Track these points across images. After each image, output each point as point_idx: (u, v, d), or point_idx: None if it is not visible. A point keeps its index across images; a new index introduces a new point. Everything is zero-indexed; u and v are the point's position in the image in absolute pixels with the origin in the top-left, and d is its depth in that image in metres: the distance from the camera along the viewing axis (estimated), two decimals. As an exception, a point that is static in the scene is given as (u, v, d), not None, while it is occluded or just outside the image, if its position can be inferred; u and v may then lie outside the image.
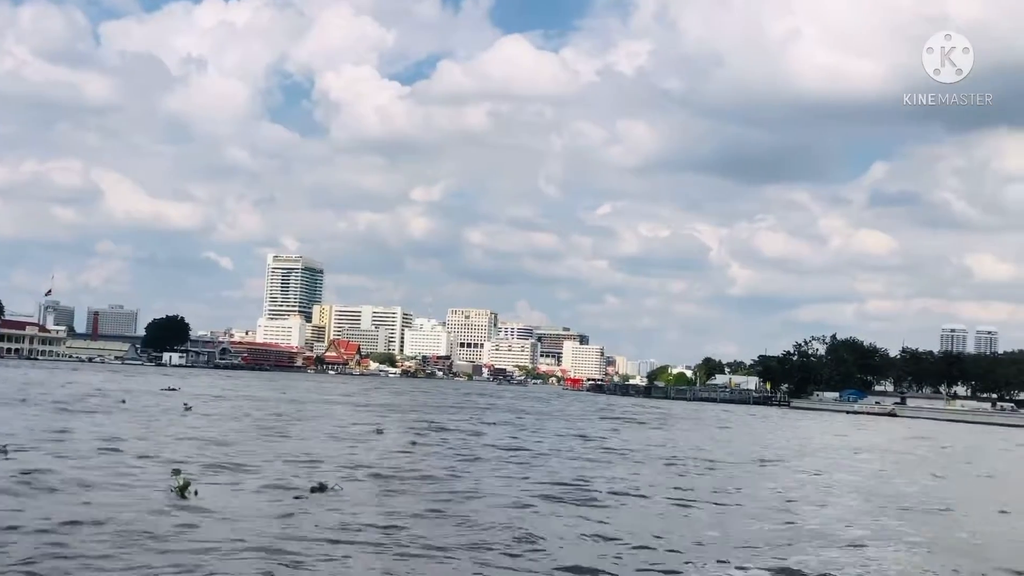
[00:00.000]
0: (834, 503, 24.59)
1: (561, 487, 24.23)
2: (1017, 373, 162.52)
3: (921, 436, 74.16)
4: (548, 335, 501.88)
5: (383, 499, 20.61)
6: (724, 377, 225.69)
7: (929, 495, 28.01)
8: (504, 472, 27.49)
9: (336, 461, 27.43)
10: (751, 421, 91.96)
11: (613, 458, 34.84)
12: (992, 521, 23.20)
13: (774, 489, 26.79)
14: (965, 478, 37.34)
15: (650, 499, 23.24)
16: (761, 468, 35.27)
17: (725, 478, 29.05)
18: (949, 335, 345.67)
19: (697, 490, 25.15)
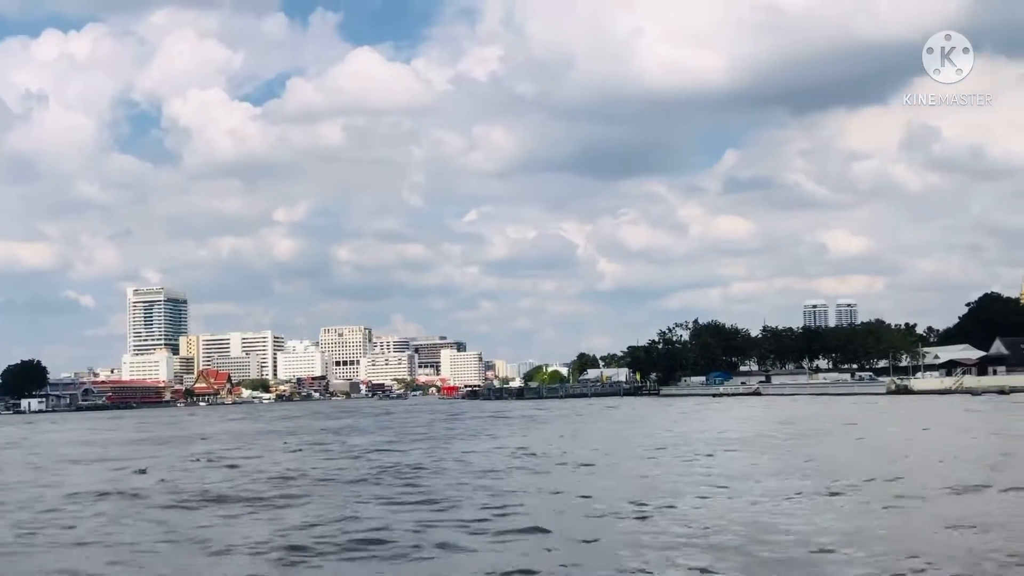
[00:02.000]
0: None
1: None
2: (875, 342, 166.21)
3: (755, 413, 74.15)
4: (425, 345, 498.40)
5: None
6: (597, 371, 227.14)
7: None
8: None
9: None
10: (608, 414, 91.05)
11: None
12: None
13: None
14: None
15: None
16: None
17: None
18: (811, 311, 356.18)
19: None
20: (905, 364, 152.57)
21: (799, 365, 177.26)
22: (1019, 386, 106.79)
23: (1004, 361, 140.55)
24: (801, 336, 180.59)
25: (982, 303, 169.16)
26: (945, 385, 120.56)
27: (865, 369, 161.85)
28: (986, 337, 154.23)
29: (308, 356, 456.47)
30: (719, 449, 40.15)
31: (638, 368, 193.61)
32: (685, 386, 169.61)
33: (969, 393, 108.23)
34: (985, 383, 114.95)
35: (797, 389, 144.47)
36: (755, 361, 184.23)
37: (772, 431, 51.31)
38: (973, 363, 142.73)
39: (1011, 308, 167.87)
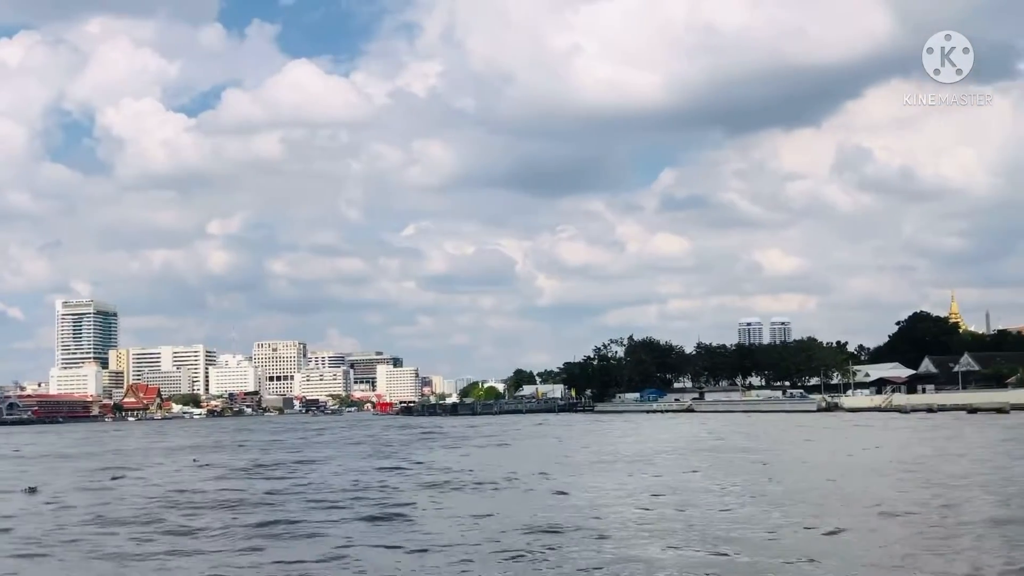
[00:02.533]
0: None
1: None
2: (807, 360, 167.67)
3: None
4: (361, 361, 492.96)
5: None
6: (532, 388, 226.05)
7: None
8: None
9: None
10: (538, 431, 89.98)
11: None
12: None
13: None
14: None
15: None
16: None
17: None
18: (746, 328, 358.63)
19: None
20: (836, 382, 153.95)
21: (732, 382, 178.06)
22: (947, 404, 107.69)
23: (933, 379, 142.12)
24: (734, 353, 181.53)
25: (911, 322, 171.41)
26: (875, 403, 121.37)
27: (797, 386, 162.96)
28: (916, 356, 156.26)
29: (241, 371, 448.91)
30: (605, 469, 39.14)
31: (573, 384, 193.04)
32: (619, 403, 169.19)
33: (898, 411, 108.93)
34: (914, 401, 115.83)
35: (730, 406, 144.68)
36: (689, 378, 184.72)
37: (671, 450, 50.48)
38: (903, 381, 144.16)
39: (940, 327, 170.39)
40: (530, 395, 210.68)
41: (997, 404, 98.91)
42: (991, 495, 26.41)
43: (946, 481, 30.28)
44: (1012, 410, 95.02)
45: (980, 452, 43.36)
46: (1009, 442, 51.55)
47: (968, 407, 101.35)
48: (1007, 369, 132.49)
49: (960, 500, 25.59)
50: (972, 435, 59.78)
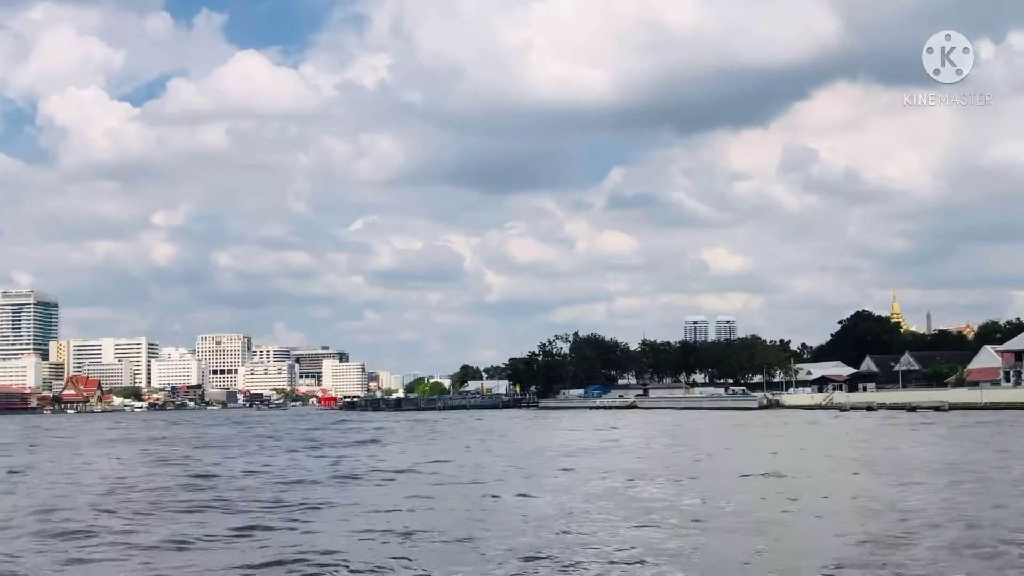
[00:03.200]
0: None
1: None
2: (750, 358, 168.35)
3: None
4: (306, 355, 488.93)
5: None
6: (477, 383, 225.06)
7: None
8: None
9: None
10: (475, 427, 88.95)
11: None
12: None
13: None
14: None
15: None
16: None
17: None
18: (692, 326, 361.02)
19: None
20: (779, 380, 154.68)
21: (676, 379, 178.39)
22: (886, 403, 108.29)
23: (873, 378, 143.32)
24: (679, 351, 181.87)
25: (853, 321, 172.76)
26: (815, 401, 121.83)
27: (740, 384, 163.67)
28: (858, 354, 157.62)
29: (184, 364, 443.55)
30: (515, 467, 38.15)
31: (518, 380, 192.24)
32: (563, 399, 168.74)
33: (838, 409, 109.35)
34: (854, 399, 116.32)
35: (673, 403, 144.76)
36: (634, 375, 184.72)
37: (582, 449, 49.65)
38: (844, 379, 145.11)
39: (881, 327, 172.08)
40: (475, 391, 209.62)
41: (935, 403, 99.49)
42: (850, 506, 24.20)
43: (811, 488, 28.03)
44: (951, 409, 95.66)
45: (892, 453, 42.69)
46: (940, 441, 51.45)
47: (907, 406, 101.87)
48: (946, 369, 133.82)
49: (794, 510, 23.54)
50: (900, 434, 59.72)
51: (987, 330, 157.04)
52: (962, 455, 39.49)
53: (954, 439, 52.26)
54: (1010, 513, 21.71)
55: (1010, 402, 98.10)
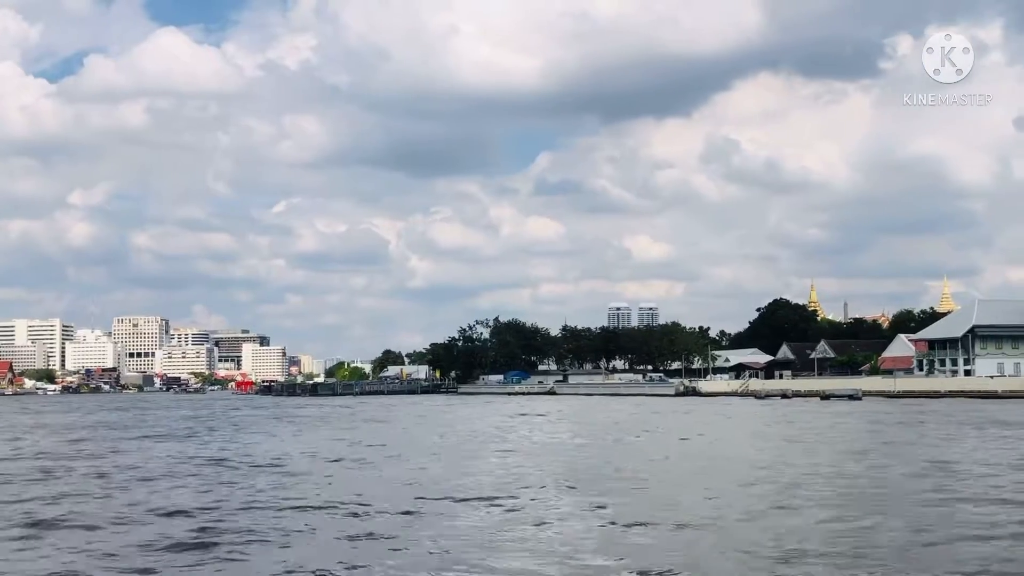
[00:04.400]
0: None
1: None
2: (669, 344, 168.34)
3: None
4: (226, 339, 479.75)
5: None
6: (397, 368, 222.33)
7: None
8: None
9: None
10: (374, 415, 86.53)
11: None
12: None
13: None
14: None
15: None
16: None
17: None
18: (615, 313, 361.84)
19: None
20: (698, 366, 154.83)
21: (596, 365, 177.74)
22: (801, 390, 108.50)
23: (790, 365, 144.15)
24: (599, 337, 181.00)
25: (771, 309, 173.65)
26: (731, 388, 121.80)
27: (659, 370, 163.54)
28: (775, 342, 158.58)
29: (100, 347, 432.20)
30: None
31: (438, 366, 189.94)
32: (483, 384, 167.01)
33: (753, 396, 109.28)
34: (769, 387, 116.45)
35: (592, 389, 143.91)
36: (554, 361, 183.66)
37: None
38: (761, 367, 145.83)
39: (799, 315, 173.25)
40: (394, 376, 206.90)
41: (849, 391, 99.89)
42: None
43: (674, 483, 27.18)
44: (864, 396, 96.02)
45: (784, 441, 41.81)
46: (835, 427, 50.60)
47: (821, 393, 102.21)
48: (861, 357, 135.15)
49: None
50: (804, 421, 59.60)
51: (901, 319, 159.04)
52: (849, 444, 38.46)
53: (852, 426, 51.57)
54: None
55: (923, 390, 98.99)
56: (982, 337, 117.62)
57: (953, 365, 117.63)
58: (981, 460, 31.71)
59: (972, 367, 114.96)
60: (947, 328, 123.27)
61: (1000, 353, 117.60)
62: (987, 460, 31.68)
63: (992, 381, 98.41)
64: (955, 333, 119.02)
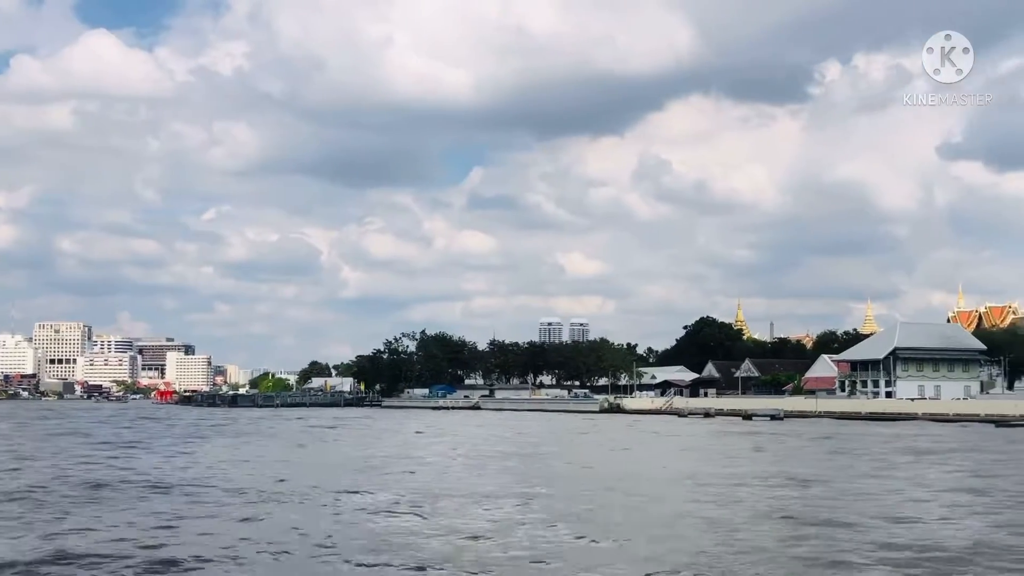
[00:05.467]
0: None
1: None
2: (596, 360, 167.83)
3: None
4: (150, 347, 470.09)
5: None
6: (322, 380, 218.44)
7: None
8: None
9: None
10: (277, 428, 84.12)
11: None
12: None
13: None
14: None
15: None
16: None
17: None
18: (547, 328, 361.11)
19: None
20: (624, 383, 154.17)
21: (524, 380, 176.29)
22: (724, 409, 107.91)
23: (715, 384, 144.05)
24: (527, 352, 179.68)
25: (698, 326, 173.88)
26: (655, 405, 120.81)
27: (587, 386, 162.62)
28: (701, 360, 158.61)
29: (20, 352, 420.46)
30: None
31: (363, 378, 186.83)
32: (407, 398, 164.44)
33: (676, 414, 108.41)
34: (692, 405, 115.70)
35: (517, 404, 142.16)
36: (482, 375, 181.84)
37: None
38: (686, 384, 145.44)
39: (724, 333, 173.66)
40: (318, 388, 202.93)
41: (771, 411, 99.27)
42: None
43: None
44: (786, 417, 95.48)
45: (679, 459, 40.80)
46: (752, 449, 49.60)
47: (744, 412, 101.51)
48: (785, 376, 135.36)
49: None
50: (713, 443, 58.99)
51: (825, 339, 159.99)
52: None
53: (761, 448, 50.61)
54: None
55: (843, 411, 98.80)
56: (903, 359, 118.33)
57: (875, 386, 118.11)
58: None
59: (893, 389, 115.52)
60: (869, 350, 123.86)
61: (921, 375, 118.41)
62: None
63: (912, 404, 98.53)
64: (877, 355, 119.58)
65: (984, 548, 18.99)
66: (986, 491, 29.73)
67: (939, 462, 41.68)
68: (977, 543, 19.57)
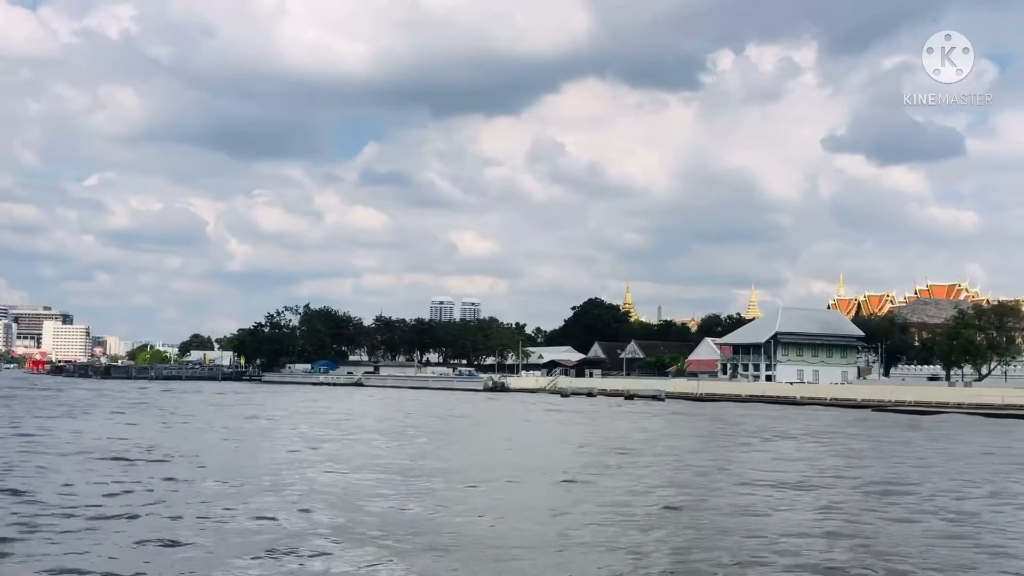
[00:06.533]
0: None
1: None
2: (484, 339, 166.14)
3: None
4: (26, 315, 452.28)
5: None
6: (201, 353, 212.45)
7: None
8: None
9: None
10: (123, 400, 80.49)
11: None
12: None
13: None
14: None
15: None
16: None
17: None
18: (438, 307, 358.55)
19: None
20: (512, 362, 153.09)
21: (410, 358, 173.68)
22: (607, 389, 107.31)
23: (600, 364, 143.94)
24: (413, 329, 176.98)
25: (586, 307, 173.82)
26: (540, 385, 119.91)
27: (474, 365, 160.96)
28: (588, 340, 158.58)
29: None
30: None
31: (244, 352, 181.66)
32: (288, 373, 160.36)
33: (559, 394, 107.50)
34: (576, 385, 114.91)
35: (401, 382, 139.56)
36: (367, 351, 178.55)
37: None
38: (573, 364, 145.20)
39: (612, 315, 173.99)
40: (197, 361, 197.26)
41: (653, 391, 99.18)
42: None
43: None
44: (668, 398, 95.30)
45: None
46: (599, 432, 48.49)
47: (626, 393, 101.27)
48: (669, 358, 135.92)
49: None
50: (579, 422, 57.86)
51: (709, 323, 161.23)
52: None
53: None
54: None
55: (723, 393, 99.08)
56: (784, 344, 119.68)
57: (756, 370, 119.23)
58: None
59: (774, 372, 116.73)
60: (751, 334, 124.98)
61: (800, 360, 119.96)
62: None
63: (791, 387, 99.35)
64: (759, 339, 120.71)
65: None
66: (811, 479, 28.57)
67: (789, 445, 40.96)
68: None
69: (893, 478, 27.93)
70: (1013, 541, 18.25)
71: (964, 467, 32.02)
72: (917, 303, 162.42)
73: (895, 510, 21.58)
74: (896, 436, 47.72)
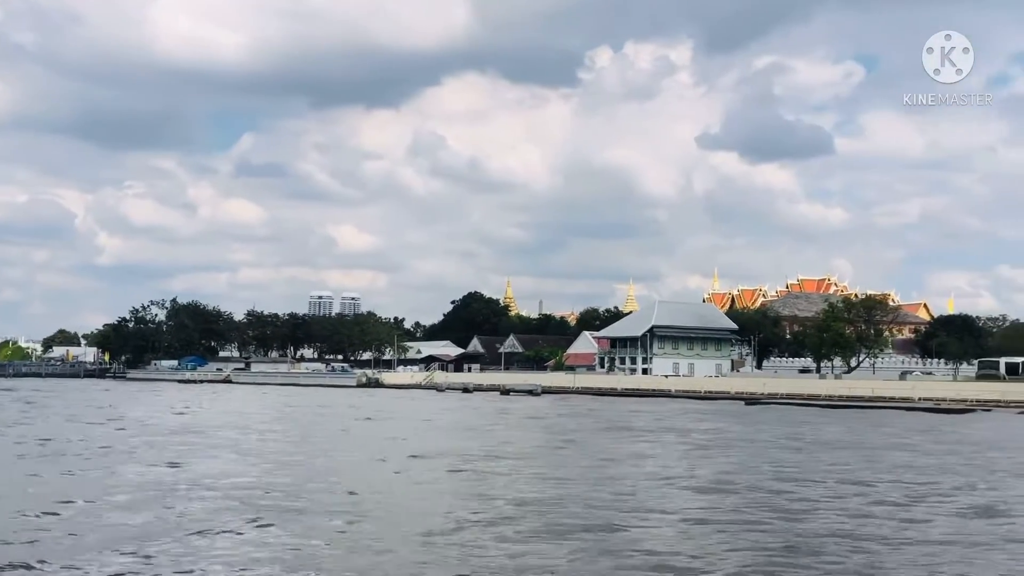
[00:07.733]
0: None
1: None
2: (360, 334, 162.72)
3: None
4: None
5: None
6: (63, 349, 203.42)
7: None
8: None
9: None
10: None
11: None
12: None
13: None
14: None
15: None
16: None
17: None
18: (317, 301, 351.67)
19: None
20: (389, 357, 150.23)
21: (284, 353, 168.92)
22: (483, 384, 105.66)
23: (479, 359, 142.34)
24: (287, 324, 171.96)
25: (465, 301, 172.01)
26: (415, 380, 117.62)
27: (350, 360, 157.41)
28: (467, 335, 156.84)
29: None
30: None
31: (108, 348, 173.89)
32: (154, 370, 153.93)
33: (435, 389, 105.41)
34: (451, 380, 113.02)
35: (271, 379, 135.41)
36: (236, 346, 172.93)
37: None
38: (451, 359, 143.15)
39: (491, 309, 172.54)
40: (59, 358, 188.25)
41: (529, 386, 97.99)
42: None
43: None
44: (544, 392, 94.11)
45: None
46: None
47: (502, 388, 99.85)
48: (548, 352, 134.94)
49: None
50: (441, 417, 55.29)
51: (587, 317, 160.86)
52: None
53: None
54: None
55: (599, 387, 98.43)
56: (660, 337, 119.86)
57: (633, 363, 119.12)
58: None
59: (650, 366, 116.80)
60: (628, 327, 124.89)
61: (676, 353, 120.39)
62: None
63: (667, 380, 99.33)
64: (636, 332, 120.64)
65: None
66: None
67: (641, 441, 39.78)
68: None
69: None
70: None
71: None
72: (788, 297, 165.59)
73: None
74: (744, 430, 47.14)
